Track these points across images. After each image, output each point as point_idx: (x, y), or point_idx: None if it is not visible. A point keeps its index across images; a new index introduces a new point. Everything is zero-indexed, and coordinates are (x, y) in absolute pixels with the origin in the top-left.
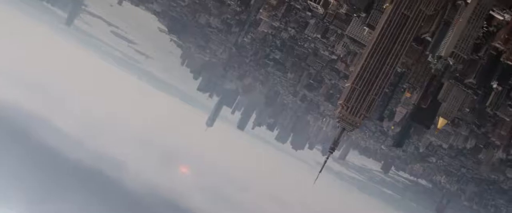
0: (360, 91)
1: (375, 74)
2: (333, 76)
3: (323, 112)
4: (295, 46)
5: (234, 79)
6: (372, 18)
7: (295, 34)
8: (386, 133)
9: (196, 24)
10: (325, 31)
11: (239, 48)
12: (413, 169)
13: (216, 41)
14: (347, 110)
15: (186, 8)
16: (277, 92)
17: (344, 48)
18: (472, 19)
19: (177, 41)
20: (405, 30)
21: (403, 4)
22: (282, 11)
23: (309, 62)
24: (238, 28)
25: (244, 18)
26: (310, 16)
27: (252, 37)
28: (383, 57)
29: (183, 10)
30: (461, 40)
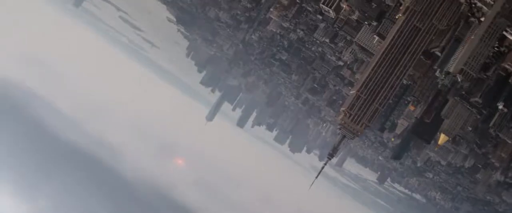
0: (365, 99)
1: (381, 84)
2: (337, 82)
3: (324, 117)
4: (303, 49)
5: (238, 76)
6: (383, 27)
7: (303, 36)
8: (386, 144)
9: (205, 17)
10: (334, 36)
11: (246, 45)
12: (408, 183)
13: (223, 36)
14: (349, 118)
15: (196, 0)
16: (279, 93)
17: (352, 55)
18: (484, 38)
19: (184, 33)
20: (415, 42)
21: (416, 16)
22: (293, 12)
23: (315, 66)
24: (247, 25)
25: (254, 15)
26: (321, 20)
27: (260, 35)
28: (390, 67)
29: (193, 2)
30: (471, 58)
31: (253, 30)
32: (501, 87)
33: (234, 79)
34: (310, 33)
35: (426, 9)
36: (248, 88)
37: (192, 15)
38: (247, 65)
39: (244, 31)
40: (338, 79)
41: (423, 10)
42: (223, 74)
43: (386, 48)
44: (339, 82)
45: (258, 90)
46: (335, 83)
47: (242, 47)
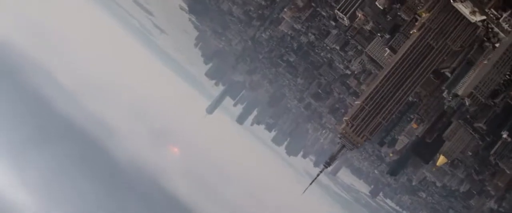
0: (369, 111)
1: (387, 98)
2: (342, 91)
3: (324, 124)
4: (312, 53)
5: (243, 72)
6: (395, 41)
7: (314, 41)
8: (383, 158)
9: (218, 9)
10: (345, 44)
11: (255, 43)
12: (401, 200)
13: (234, 30)
14: (351, 128)
15: None
16: (283, 94)
17: (360, 65)
18: (498, 64)
19: (195, 22)
20: (427, 60)
21: (430, 34)
22: (307, 15)
23: (322, 72)
24: (259, 22)
25: (267, 13)
26: (333, 26)
27: (270, 34)
28: (398, 82)
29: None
30: (482, 83)
31: (264, 28)
32: (507, 116)
33: (239, 75)
34: (321, 38)
35: (442, 28)
36: (252, 85)
37: (205, 5)
38: (254, 62)
39: (255, 28)
40: (343, 87)
41: (438, 29)
42: (229, 69)
43: (396, 63)
44: (344, 90)
45: (261, 88)
46: (340, 91)
47: (251, 44)
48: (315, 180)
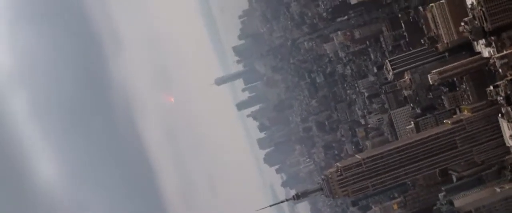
0: (363, 171)
1: (388, 169)
2: (347, 135)
3: (312, 154)
4: (339, 85)
5: (268, 66)
6: (424, 120)
7: (348, 75)
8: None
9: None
10: (375, 95)
11: (294, 46)
12: None
13: (281, 24)
14: (338, 177)
15: None
16: (291, 105)
17: (378, 123)
18: (509, 199)
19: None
20: (443, 156)
21: (461, 133)
22: (356, 49)
23: (338, 107)
24: (309, 30)
25: (320, 26)
26: (374, 73)
27: (312, 46)
28: (406, 161)
29: None
30: (485, 208)
31: (310, 38)
32: None
33: (263, 65)
34: (356, 77)
35: (475, 134)
36: (268, 82)
37: None
38: (283, 62)
39: (302, 33)
40: (349, 132)
41: (472, 133)
42: (257, 55)
43: (414, 141)
44: (349, 136)
45: (275, 89)
46: (344, 134)
47: (290, 45)
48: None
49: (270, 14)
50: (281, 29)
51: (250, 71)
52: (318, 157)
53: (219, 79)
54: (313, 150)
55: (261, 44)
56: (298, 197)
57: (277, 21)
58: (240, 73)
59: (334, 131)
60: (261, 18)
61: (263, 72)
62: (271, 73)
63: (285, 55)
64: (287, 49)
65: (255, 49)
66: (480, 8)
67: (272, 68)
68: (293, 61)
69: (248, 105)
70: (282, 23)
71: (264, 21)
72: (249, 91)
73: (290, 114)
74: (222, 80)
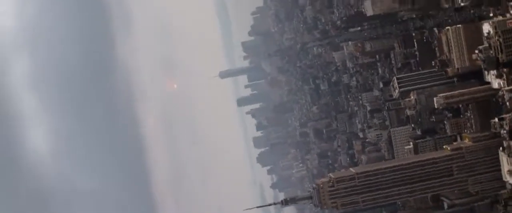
0: (356, 185)
1: (380, 187)
2: (343, 146)
3: (306, 160)
4: (343, 95)
5: (274, 65)
6: (423, 143)
7: (353, 87)
8: None
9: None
10: (377, 110)
11: (303, 49)
12: None
13: (294, 26)
14: (330, 188)
15: None
16: (291, 109)
17: (376, 138)
18: None
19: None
20: (438, 181)
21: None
22: (365, 61)
23: (339, 117)
24: (320, 35)
25: (332, 34)
26: (379, 88)
27: (321, 53)
28: (400, 182)
29: None
30: None
31: (320, 44)
32: None
33: (269, 65)
34: (361, 90)
35: (474, 164)
36: (272, 82)
37: None
38: (289, 64)
39: (313, 38)
40: (346, 144)
41: (470, 163)
42: (265, 54)
43: (411, 163)
44: (345, 147)
45: (278, 90)
46: (341, 144)
47: (299, 48)
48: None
49: (284, 14)
50: (292, 31)
51: (256, 68)
52: (311, 163)
53: (224, 72)
54: (307, 156)
55: (270, 43)
56: (286, 203)
57: (289, 23)
58: (245, 69)
59: (331, 140)
60: (274, 18)
61: (268, 71)
62: (276, 73)
63: (293, 57)
64: (295, 51)
65: (264, 48)
66: (497, 38)
67: (278, 68)
68: (300, 65)
69: (248, 102)
70: (294, 25)
71: (277, 21)
72: (251, 88)
73: (289, 117)
74: (226, 74)
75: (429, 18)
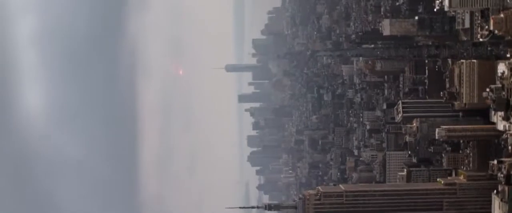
0: (343, 203)
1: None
2: (336, 160)
3: (297, 167)
4: (344, 109)
5: (281, 68)
6: (417, 172)
7: (356, 103)
8: None
9: (313, 4)
10: (376, 131)
11: (312, 57)
12: None
13: (307, 32)
14: (316, 201)
15: None
16: (291, 114)
17: (370, 159)
18: None
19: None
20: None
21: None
22: (372, 79)
23: (336, 131)
24: (331, 46)
25: (344, 46)
26: (382, 109)
27: (329, 63)
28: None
29: None
30: None
31: (330, 55)
32: None
33: (276, 66)
34: (363, 107)
35: (465, 202)
36: (276, 84)
37: None
38: (296, 69)
39: (324, 47)
40: (339, 158)
41: (462, 200)
42: (274, 55)
43: (402, 190)
44: (337, 162)
45: (280, 94)
46: (334, 158)
47: (309, 55)
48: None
49: (299, 19)
50: (305, 36)
51: (262, 67)
52: (301, 172)
53: (230, 66)
54: (298, 163)
55: (281, 45)
56: (269, 208)
57: (303, 28)
58: (252, 66)
59: (325, 153)
60: (289, 20)
61: (274, 73)
62: (281, 76)
63: (301, 63)
64: (305, 58)
65: (274, 48)
66: (511, 80)
67: (284, 71)
68: (307, 72)
69: (249, 100)
70: (308, 31)
71: (291, 24)
72: (254, 87)
73: (287, 122)
74: (232, 68)
75: (445, 48)
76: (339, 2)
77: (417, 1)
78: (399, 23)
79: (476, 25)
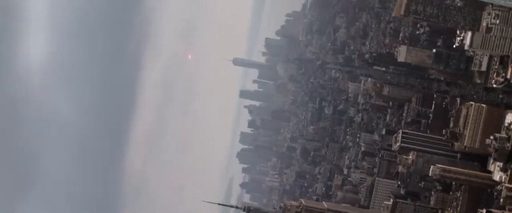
0: None
1: None
2: (324, 175)
3: (283, 174)
4: (342, 126)
5: (287, 72)
6: (402, 205)
7: (355, 122)
8: None
9: (332, 16)
10: (369, 155)
11: (322, 68)
12: None
13: (321, 42)
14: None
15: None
16: (289, 119)
17: (358, 181)
18: None
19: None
20: None
21: None
22: (376, 103)
23: (330, 146)
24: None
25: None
26: (381, 134)
27: (337, 78)
28: None
29: None
30: None
31: (339, 69)
32: None
33: (283, 70)
34: (362, 128)
35: None
36: (280, 87)
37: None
38: (303, 77)
39: (334, 60)
40: (327, 174)
41: None
42: (284, 58)
43: None
44: (325, 177)
45: (282, 97)
46: (322, 172)
47: (318, 65)
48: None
49: (316, 27)
50: (318, 46)
51: (270, 68)
52: (287, 179)
53: (238, 59)
54: (286, 170)
55: (293, 50)
56: (248, 211)
57: (318, 37)
58: (260, 65)
59: (315, 165)
60: (306, 27)
61: (280, 75)
62: (287, 80)
63: (309, 71)
64: (313, 67)
65: (285, 51)
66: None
67: (291, 76)
68: (313, 81)
69: (250, 97)
70: (322, 41)
71: (307, 31)
72: (258, 85)
73: (283, 126)
74: (240, 62)
75: (456, 86)
76: (359, 18)
77: (438, 34)
78: (416, 52)
79: (493, 70)
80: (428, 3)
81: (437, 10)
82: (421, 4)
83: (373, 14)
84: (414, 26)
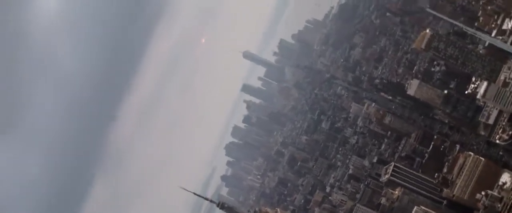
0: None
1: None
2: (305, 187)
3: (266, 176)
4: (335, 144)
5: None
6: None
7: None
8: None
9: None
10: (355, 179)
11: (328, 81)
12: None
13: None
14: None
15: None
16: (284, 124)
17: (338, 202)
18: None
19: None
20: None
21: None
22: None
23: (319, 161)
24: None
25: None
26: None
27: (342, 95)
28: None
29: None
30: None
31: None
32: None
33: (291, 74)
34: (355, 150)
35: None
36: (283, 91)
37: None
38: (307, 86)
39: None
40: (309, 187)
41: None
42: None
43: None
44: (307, 190)
45: (283, 101)
46: (304, 184)
47: (326, 78)
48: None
49: (333, 40)
50: (331, 59)
51: (278, 69)
52: (268, 182)
53: (249, 54)
54: (270, 173)
55: (304, 57)
56: (222, 207)
57: (333, 51)
58: (268, 64)
59: (299, 175)
60: (323, 37)
61: (286, 79)
62: (292, 85)
63: (316, 82)
64: (321, 78)
65: (297, 57)
66: (510, 196)
67: (296, 82)
68: (317, 92)
69: (252, 93)
70: (335, 56)
71: (323, 42)
72: (262, 83)
73: (277, 130)
74: (249, 56)
75: (459, 132)
76: (377, 42)
77: (453, 76)
78: (427, 89)
79: (500, 125)
80: (451, 43)
81: (458, 53)
82: (444, 42)
83: (393, 41)
84: (431, 62)
